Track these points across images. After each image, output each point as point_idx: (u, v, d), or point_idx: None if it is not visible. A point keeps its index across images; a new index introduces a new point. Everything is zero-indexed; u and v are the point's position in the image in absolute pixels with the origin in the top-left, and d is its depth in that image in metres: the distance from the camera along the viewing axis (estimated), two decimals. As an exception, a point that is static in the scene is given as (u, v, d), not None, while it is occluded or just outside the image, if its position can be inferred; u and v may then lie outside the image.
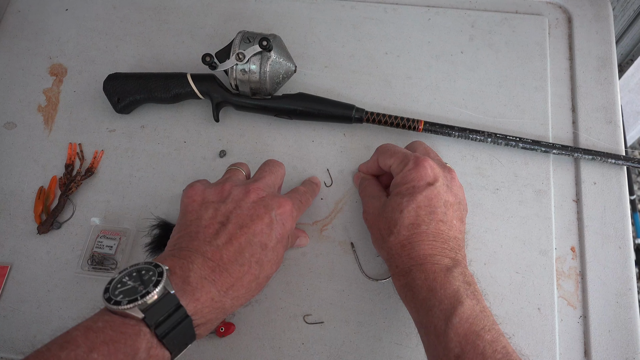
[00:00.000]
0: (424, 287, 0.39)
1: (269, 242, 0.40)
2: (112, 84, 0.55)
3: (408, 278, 0.41)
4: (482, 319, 0.37)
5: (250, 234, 0.39)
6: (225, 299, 0.37)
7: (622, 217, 0.51)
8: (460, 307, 0.37)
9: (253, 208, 0.40)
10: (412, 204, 0.41)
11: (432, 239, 0.41)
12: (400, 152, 0.46)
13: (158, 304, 0.34)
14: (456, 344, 0.36)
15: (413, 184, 0.42)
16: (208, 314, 0.36)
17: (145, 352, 0.32)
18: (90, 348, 0.31)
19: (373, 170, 0.50)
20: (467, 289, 0.39)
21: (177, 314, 0.34)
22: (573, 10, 0.61)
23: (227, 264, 0.38)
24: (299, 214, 0.45)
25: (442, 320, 0.37)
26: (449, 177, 0.44)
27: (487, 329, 0.36)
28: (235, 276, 0.38)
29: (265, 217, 0.40)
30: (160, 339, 0.34)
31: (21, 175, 0.55)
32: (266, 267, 0.40)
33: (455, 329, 0.36)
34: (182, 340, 0.35)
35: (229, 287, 0.37)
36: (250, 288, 0.39)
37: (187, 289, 0.35)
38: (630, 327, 0.47)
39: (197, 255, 0.37)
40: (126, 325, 0.33)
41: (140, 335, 0.33)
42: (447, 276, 0.39)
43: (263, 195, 0.42)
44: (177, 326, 0.34)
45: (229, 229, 0.39)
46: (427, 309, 0.39)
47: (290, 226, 0.43)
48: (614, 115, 0.56)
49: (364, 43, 0.60)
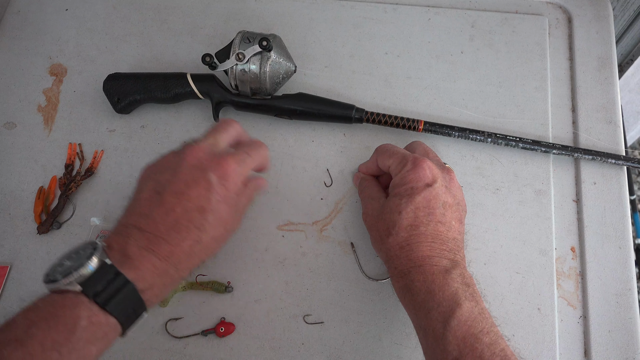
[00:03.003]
0: (423, 289, 0.39)
1: (208, 206, 0.39)
2: (112, 84, 0.55)
3: (407, 280, 0.41)
4: (481, 321, 0.37)
5: (186, 200, 0.39)
6: (168, 265, 0.38)
7: (622, 217, 0.51)
8: (459, 310, 0.37)
9: (189, 173, 0.40)
10: (411, 205, 0.41)
11: (431, 241, 0.41)
12: (399, 152, 0.45)
13: (95, 275, 0.34)
14: (454, 347, 0.36)
15: (411, 185, 0.42)
16: (151, 279, 0.37)
17: (86, 319, 0.33)
18: (29, 325, 0.32)
19: (372, 170, 0.50)
20: (466, 291, 0.39)
21: (117, 281, 0.35)
22: (573, 10, 0.61)
23: (164, 234, 0.38)
24: (247, 168, 0.43)
25: (441, 322, 0.37)
26: (447, 177, 0.44)
27: (486, 332, 0.36)
28: (174, 243, 0.38)
29: (201, 181, 0.39)
30: (103, 307, 0.34)
31: (21, 175, 0.55)
32: (210, 229, 0.40)
33: (454, 332, 0.36)
34: (128, 306, 0.35)
35: (169, 254, 0.38)
36: (193, 252, 0.39)
37: (125, 260, 0.36)
38: (630, 327, 0.47)
39: (133, 229, 0.38)
40: (65, 300, 0.33)
41: (80, 305, 0.33)
42: (445, 278, 0.39)
43: (200, 157, 0.41)
44: (118, 292, 0.34)
45: (165, 198, 0.39)
46: (425, 311, 0.39)
47: (235, 184, 0.41)
48: (614, 115, 0.56)
49: (364, 43, 0.60)
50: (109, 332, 0.35)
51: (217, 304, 0.49)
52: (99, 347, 0.34)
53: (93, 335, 0.33)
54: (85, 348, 0.33)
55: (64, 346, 0.32)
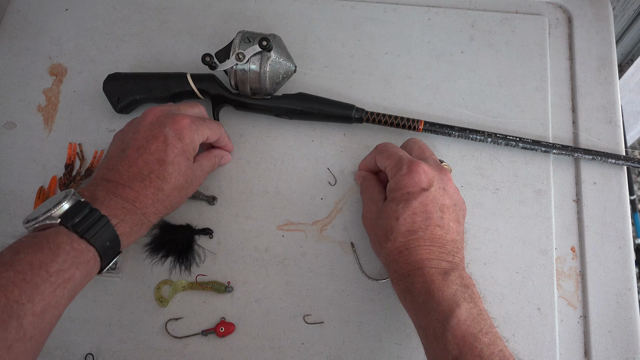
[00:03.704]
0: (423, 291, 0.40)
1: (167, 158, 0.44)
2: (112, 84, 0.55)
3: (407, 282, 0.41)
4: (480, 321, 0.38)
5: (147, 153, 0.43)
6: (135, 207, 0.42)
7: (622, 217, 0.51)
8: (458, 310, 0.37)
9: (149, 130, 0.44)
10: (408, 210, 0.41)
11: (429, 244, 0.41)
12: (396, 154, 0.45)
13: (71, 210, 0.38)
14: (454, 346, 0.36)
15: (407, 190, 0.42)
16: (122, 215, 0.41)
17: (68, 244, 0.36)
18: (16, 252, 0.35)
19: (371, 166, 0.50)
20: (465, 292, 0.39)
21: (92, 215, 0.38)
22: (573, 10, 0.61)
23: (128, 182, 0.42)
24: (202, 130, 0.47)
25: (440, 322, 0.37)
26: (444, 179, 0.44)
27: (485, 332, 0.37)
28: (137, 190, 0.42)
29: (159, 136, 0.44)
30: (82, 236, 0.37)
31: (21, 175, 0.55)
32: (170, 179, 0.44)
33: (453, 331, 0.37)
34: (104, 237, 0.39)
35: (134, 198, 0.42)
36: (157, 198, 0.43)
37: (95, 201, 0.40)
38: (631, 327, 0.47)
39: (101, 181, 0.43)
40: (46, 231, 0.37)
41: (60, 233, 0.37)
42: (444, 279, 0.39)
43: (159, 116, 0.45)
44: (94, 224, 0.38)
45: (128, 153, 0.43)
46: (425, 312, 0.39)
47: (190, 138, 0.45)
48: (614, 115, 0.56)
49: (364, 43, 0.60)
50: (90, 259, 0.38)
51: (217, 304, 0.49)
52: (82, 271, 0.37)
53: (76, 259, 0.37)
54: (70, 270, 0.36)
55: (50, 266, 0.35)
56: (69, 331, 0.49)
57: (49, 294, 0.34)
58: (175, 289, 0.49)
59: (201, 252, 0.51)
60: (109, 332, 0.48)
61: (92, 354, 0.48)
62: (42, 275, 0.34)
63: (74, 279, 0.36)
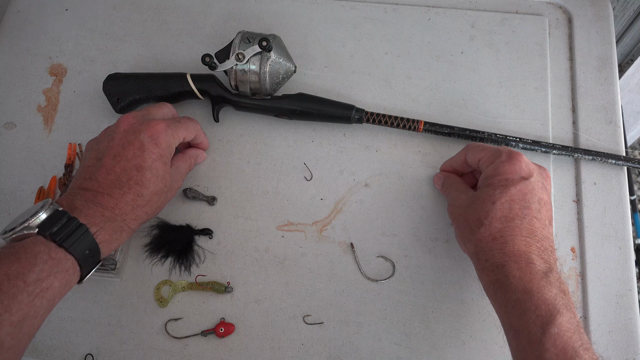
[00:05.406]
0: (519, 288, 0.37)
1: (144, 164, 0.43)
2: (111, 84, 0.55)
3: (499, 274, 0.39)
4: (580, 335, 0.36)
5: (124, 160, 0.43)
6: (114, 215, 0.42)
7: (622, 218, 0.51)
8: (559, 317, 0.35)
9: (124, 137, 0.44)
10: (505, 196, 0.40)
11: (527, 235, 0.39)
12: (492, 147, 0.45)
13: (49, 219, 0.38)
14: (553, 355, 0.34)
15: (506, 176, 0.41)
16: (101, 223, 0.40)
17: (45, 253, 0.36)
18: None
19: (458, 165, 0.49)
20: (564, 299, 0.37)
21: (70, 224, 0.38)
22: (573, 11, 0.61)
23: (106, 189, 0.42)
24: (178, 132, 0.47)
25: (539, 326, 0.35)
26: (544, 174, 0.43)
27: (585, 348, 0.35)
28: (116, 197, 0.42)
29: (135, 142, 0.44)
30: (60, 245, 0.37)
31: (21, 175, 0.55)
32: (149, 185, 0.44)
33: (553, 340, 0.35)
34: (83, 246, 0.38)
35: (114, 206, 0.42)
36: (137, 204, 0.43)
37: (73, 210, 0.40)
38: (631, 328, 0.47)
39: (79, 190, 0.42)
40: (24, 242, 0.37)
41: (38, 243, 0.37)
42: (544, 279, 0.37)
43: (133, 122, 0.45)
44: (73, 233, 0.38)
45: (104, 162, 0.43)
46: (520, 311, 0.37)
47: (167, 142, 0.45)
48: (614, 115, 0.56)
49: (364, 43, 0.60)
50: (69, 268, 0.38)
51: (217, 304, 0.49)
52: (60, 280, 0.37)
53: (54, 268, 0.36)
54: (48, 279, 0.36)
55: (28, 275, 0.35)
56: (68, 331, 0.49)
57: (26, 304, 0.34)
58: (175, 289, 0.49)
59: (201, 252, 0.51)
60: (109, 333, 0.48)
61: (91, 355, 0.48)
62: (19, 285, 0.34)
63: (52, 288, 0.36)
